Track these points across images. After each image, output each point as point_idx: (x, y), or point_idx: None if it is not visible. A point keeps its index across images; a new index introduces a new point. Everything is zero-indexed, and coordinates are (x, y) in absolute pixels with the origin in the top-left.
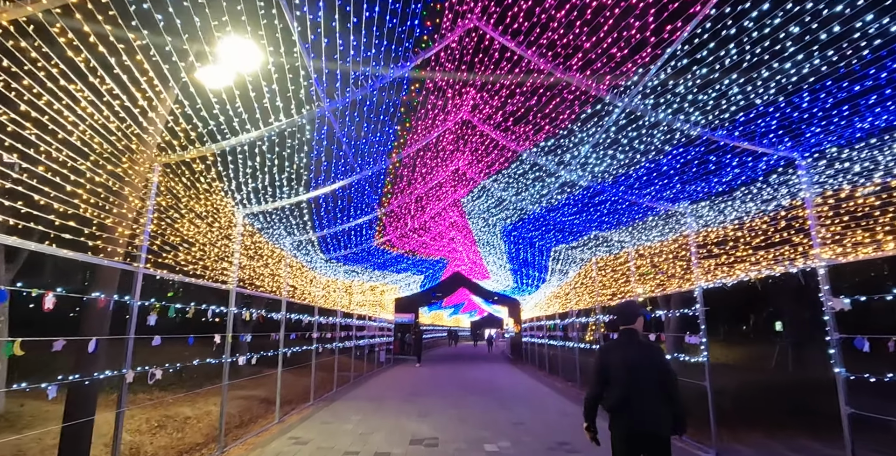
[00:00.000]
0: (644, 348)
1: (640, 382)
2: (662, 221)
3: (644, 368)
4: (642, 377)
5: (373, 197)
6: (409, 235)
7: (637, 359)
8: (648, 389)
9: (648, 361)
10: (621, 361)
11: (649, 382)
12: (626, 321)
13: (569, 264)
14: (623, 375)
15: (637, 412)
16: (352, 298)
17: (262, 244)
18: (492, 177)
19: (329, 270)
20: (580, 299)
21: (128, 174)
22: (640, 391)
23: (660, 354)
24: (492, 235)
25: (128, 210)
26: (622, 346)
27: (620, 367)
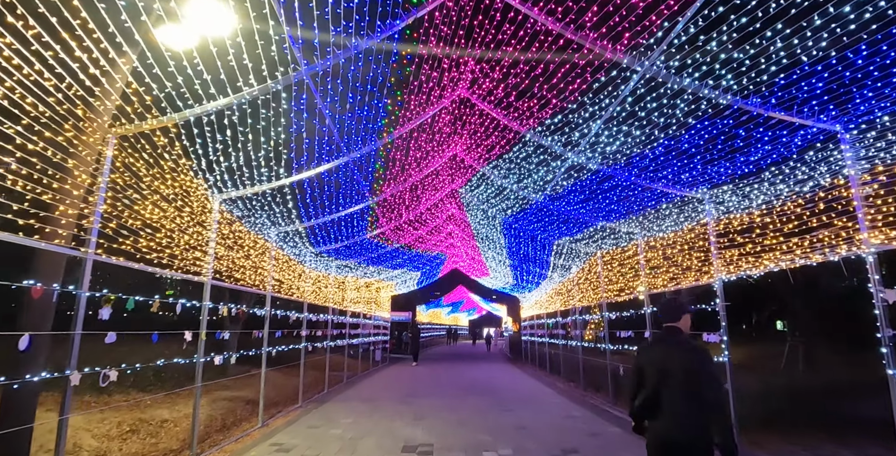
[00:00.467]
0: (682, 349)
1: (672, 387)
2: (677, 209)
3: (678, 372)
4: (674, 381)
5: (363, 184)
6: (405, 228)
7: (672, 361)
8: (680, 394)
9: (685, 364)
10: (654, 362)
11: (682, 387)
12: (670, 318)
13: (572, 259)
14: (653, 378)
15: (665, 419)
16: (345, 295)
17: (242, 234)
18: (491, 163)
19: (320, 265)
20: (584, 296)
21: (73, 145)
22: (670, 396)
23: (700, 356)
24: (491, 228)
25: (72, 186)
26: (659, 345)
27: (652, 368)
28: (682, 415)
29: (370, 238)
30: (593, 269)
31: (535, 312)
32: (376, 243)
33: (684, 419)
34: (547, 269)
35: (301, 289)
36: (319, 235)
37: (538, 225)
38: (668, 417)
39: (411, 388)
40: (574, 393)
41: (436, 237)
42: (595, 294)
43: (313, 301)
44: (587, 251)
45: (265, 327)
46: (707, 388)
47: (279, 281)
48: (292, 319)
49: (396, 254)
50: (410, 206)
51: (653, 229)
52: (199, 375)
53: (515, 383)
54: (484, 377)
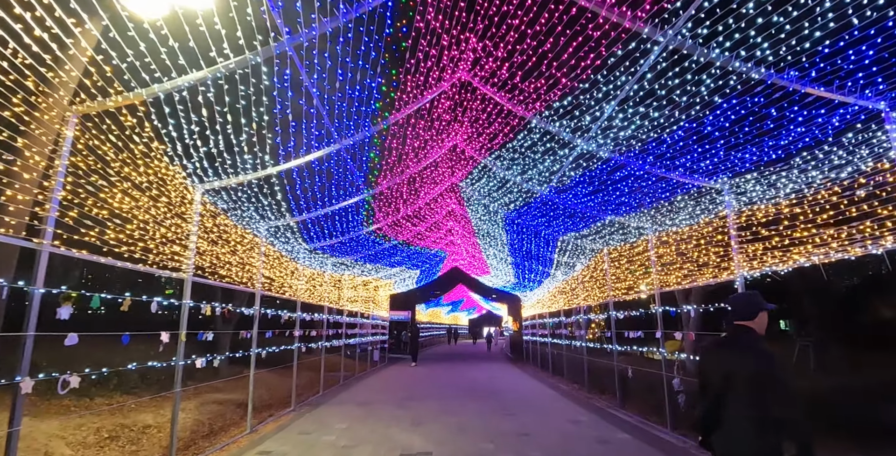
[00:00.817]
0: (751, 353)
1: (736, 397)
2: (693, 202)
3: (744, 379)
4: (740, 390)
5: (357, 175)
6: (403, 223)
7: (738, 366)
8: (746, 405)
9: (753, 371)
10: (717, 367)
11: (748, 398)
12: (742, 315)
13: (576, 256)
14: (716, 386)
15: (728, 433)
16: (341, 294)
17: (228, 228)
18: (494, 153)
19: (314, 262)
20: (589, 294)
21: (25, 122)
22: (734, 407)
23: (771, 362)
24: (492, 224)
25: (23, 169)
26: (724, 347)
27: (715, 374)
28: (747, 429)
29: (367, 234)
30: (599, 266)
31: (536, 312)
32: (373, 240)
33: (749, 435)
34: (550, 266)
35: (294, 287)
36: (313, 231)
37: (542, 220)
38: (731, 432)
39: (410, 390)
40: (578, 395)
41: (435, 234)
42: (601, 292)
43: (307, 300)
44: (593, 248)
45: (254, 327)
46: (778, 400)
47: (270, 278)
48: (284, 319)
49: (394, 251)
50: (408, 200)
51: (665, 223)
52: (179, 379)
53: (517, 385)
54: (485, 378)
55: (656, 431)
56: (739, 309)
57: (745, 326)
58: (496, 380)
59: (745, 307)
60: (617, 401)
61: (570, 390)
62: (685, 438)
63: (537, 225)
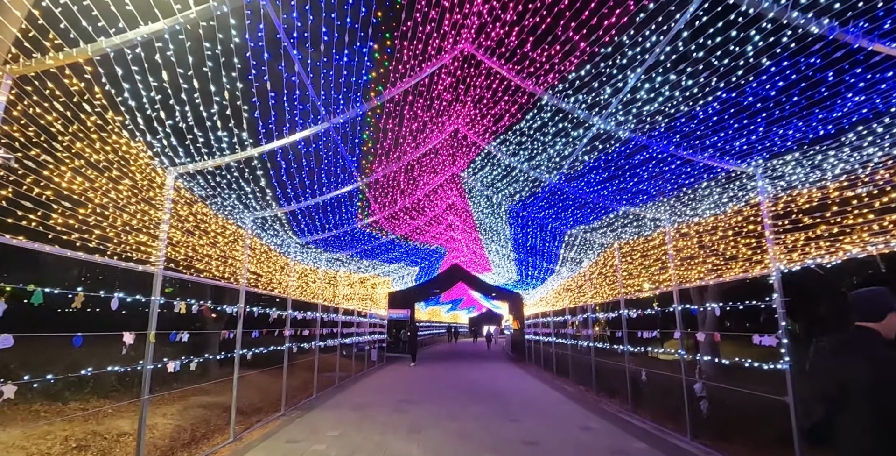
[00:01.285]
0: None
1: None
2: (719, 189)
3: (864, 392)
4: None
5: (350, 159)
6: (400, 216)
7: (856, 376)
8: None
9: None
10: (831, 377)
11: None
12: (865, 316)
13: (584, 251)
14: (829, 397)
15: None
16: (336, 291)
17: (207, 217)
18: (499, 137)
19: (307, 258)
20: (598, 292)
21: None
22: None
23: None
24: (496, 217)
25: None
26: (841, 354)
27: (830, 384)
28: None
29: (362, 228)
30: (609, 262)
31: (539, 310)
32: (369, 234)
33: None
34: (555, 262)
35: (284, 283)
36: (303, 222)
37: (549, 212)
38: (848, 445)
39: (408, 392)
40: (586, 398)
41: (435, 229)
42: (611, 290)
43: (299, 297)
44: (603, 242)
45: (238, 327)
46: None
47: (256, 274)
48: (272, 318)
49: (392, 246)
50: (406, 190)
51: (686, 214)
52: (147, 385)
53: (520, 386)
54: (486, 379)
55: (675, 439)
56: (864, 308)
57: (869, 328)
58: (498, 381)
59: (870, 307)
60: (628, 405)
61: (576, 393)
62: (707, 447)
63: (544, 218)
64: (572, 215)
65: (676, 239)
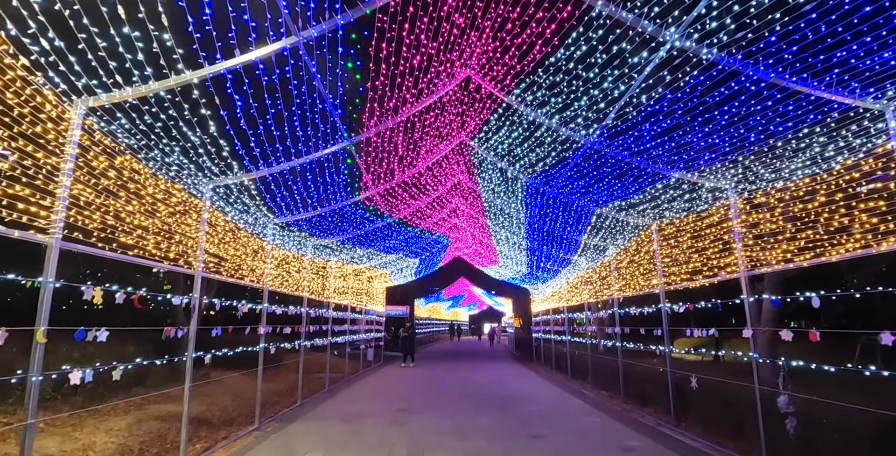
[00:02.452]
0: None
1: None
2: (824, 137)
3: None
4: None
5: (334, 110)
6: (399, 194)
7: None
8: None
9: None
10: None
11: None
12: None
13: (612, 235)
14: None
15: None
16: (326, 283)
17: (140, 176)
18: (524, 81)
19: (290, 242)
20: (629, 282)
21: None
22: None
23: None
24: (509, 196)
25: None
26: None
27: None
28: None
29: (353, 207)
30: (645, 247)
31: (550, 306)
32: (362, 214)
33: None
34: (573, 251)
35: (259, 271)
36: (279, 196)
37: (578, 185)
38: None
39: (406, 398)
40: (612, 407)
41: (437, 214)
42: (646, 280)
43: (278, 289)
44: (638, 223)
45: (191, 323)
46: None
47: (218, 257)
48: (242, 312)
49: (389, 233)
50: (405, 158)
51: (764, 178)
52: (32, 404)
53: (532, 390)
54: (493, 382)
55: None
56: None
57: None
58: (507, 384)
59: None
60: (669, 417)
61: (599, 399)
62: None
63: (571, 191)
64: (607, 189)
65: (746, 212)
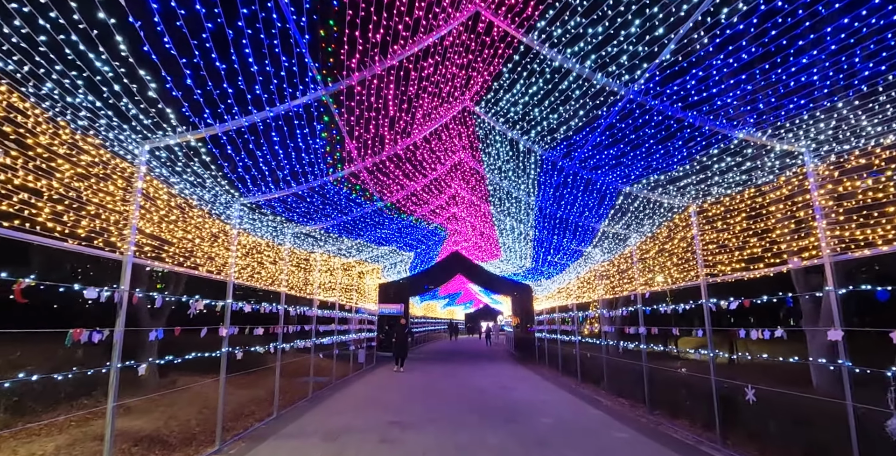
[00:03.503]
0: None
1: None
2: None
3: None
4: None
5: (299, 36)
6: (390, 171)
7: None
8: None
9: None
10: None
11: None
12: None
13: (639, 221)
14: None
15: None
16: (309, 278)
17: (30, 118)
18: (549, 10)
19: (262, 228)
20: (665, 272)
21: None
22: None
23: None
24: (518, 175)
25: None
26: None
27: None
28: None
29: (337, 185)
30: (680, 233)
31: (557, 303)
32: (347, 194)
33: None
34: (588, 242)
35: (221, 260)
36: (241, 165)
37: (608, 155)
38: None
39: (400, 407)
40: (637, 418)
41: (435, 200)
42: (680, 272)
43: (248, 282)
44: (673, 204)
45: (117, 323)
46: None
47: (160, 240)
48: (195, 310)
49: (380, 220)
50: (397, 121)
51: (865, 133)
52: None
53: (541, 397)
54: (495, 387)
55: None
56: None
57: None
58: (512, 389)
59: None
60: (709, 432)
61: (619, 409)
62: None
63: (598, 163)
64: (644, 158)
65: (834, 180)
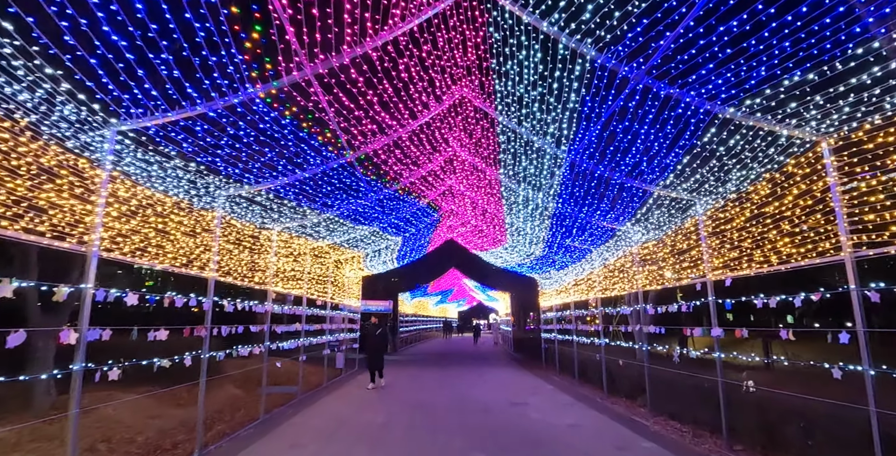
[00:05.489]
0: None
1: None
2: None
3: None
4: None
5: None
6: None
7: None
8: None
9: None
10: None
11: None
12: None
13: (719, 174)
14: None
15: None
16: (265, 263)
17: None
18: None
19: (170, 181)
20: (765, 247)
21: None
22: None
23: None
24: (549, 106)
25: None
26: None
27: None
28: None
29: (273, 106)
30: (795, 187)
31: (572, 298)
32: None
33: None
34: (629, 215)
35: (149, 241)
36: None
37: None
38: None
39: (382, 437)
40: (712, 451)
41: (426, 165)
42: (791, 245)
43: (186, 271)
44: (794, 138)
45: None
46: None
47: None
48: None
49: (354, 184)
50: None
51: None
52: None
53: (567, 421)
54: (502, 403)
55: None
56: None
57: None
58: (524, 406)
59: None
60: None
61: (678, 439)
62: None
63: (686, 67)
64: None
65: None
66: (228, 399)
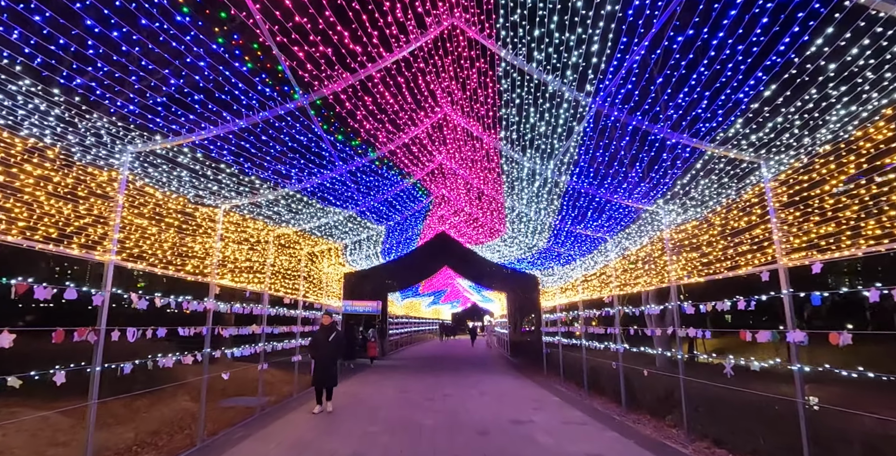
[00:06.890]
0: None
1: None
2: None
3: None
4: None
5: None
6: (336, 45)
7: None
8: None
9: None
10: None
11: None
12: None
13: (782, 135)
14: None
15: None
16: (207, 247)
17: None
18: None
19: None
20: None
21: None
22: None
23: None
24: (570, 43)
25: None
26: None
27: None
28: None
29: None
30: None
31: (580, 297)
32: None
33: None
34: (660, 193)
35: None
36: None
37: None
38: None
39: None
40: None
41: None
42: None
43: (117, 261)
44: None
45: None
46: None
47: None
48: None
49: (316, 146)
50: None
51: None
52: None
53: (584, 448)
54: (503, 421)
55: None
56: None
57: None
58: (528, 426)
59: None
60: None
61: None
62: None
63: None
64: None
65: None
66: (177, 414)
